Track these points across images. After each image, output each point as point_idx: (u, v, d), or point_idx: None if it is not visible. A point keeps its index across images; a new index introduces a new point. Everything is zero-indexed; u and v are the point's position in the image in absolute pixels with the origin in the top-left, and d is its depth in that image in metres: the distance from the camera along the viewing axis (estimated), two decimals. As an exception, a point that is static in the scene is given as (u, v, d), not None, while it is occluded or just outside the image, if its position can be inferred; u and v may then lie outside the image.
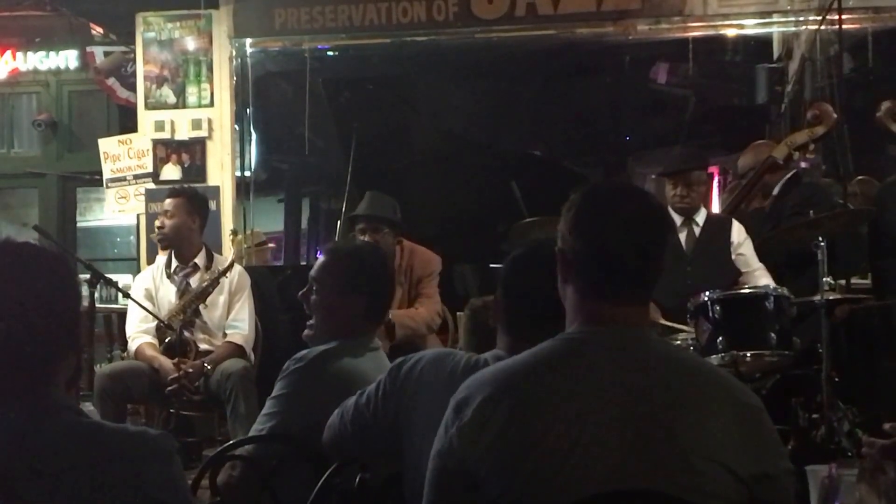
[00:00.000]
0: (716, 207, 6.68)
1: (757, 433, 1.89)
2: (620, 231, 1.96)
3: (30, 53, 8.26)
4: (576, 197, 2.03)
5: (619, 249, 1.95)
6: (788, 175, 5.86)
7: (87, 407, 5.03)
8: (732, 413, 1.87)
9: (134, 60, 7.40)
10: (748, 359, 4.61)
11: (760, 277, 5.24)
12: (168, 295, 5.48)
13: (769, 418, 1.95)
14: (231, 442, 3.23)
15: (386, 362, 2.95)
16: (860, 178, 6.39)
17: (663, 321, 5.00)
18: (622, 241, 1.95)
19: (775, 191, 5.87)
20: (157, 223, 5.64)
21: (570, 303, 2.01)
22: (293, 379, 2.94)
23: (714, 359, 4.51)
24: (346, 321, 3.05)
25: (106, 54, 8.06)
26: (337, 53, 7.74)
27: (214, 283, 5.38)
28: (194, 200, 5.58)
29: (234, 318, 5.43)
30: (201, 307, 5.39)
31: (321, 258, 3.24)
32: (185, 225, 5.51)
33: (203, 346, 5.36)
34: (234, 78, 7.22)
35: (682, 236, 5.38)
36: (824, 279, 4.88)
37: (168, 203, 5.55)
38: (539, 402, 1.85)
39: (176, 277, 5.51)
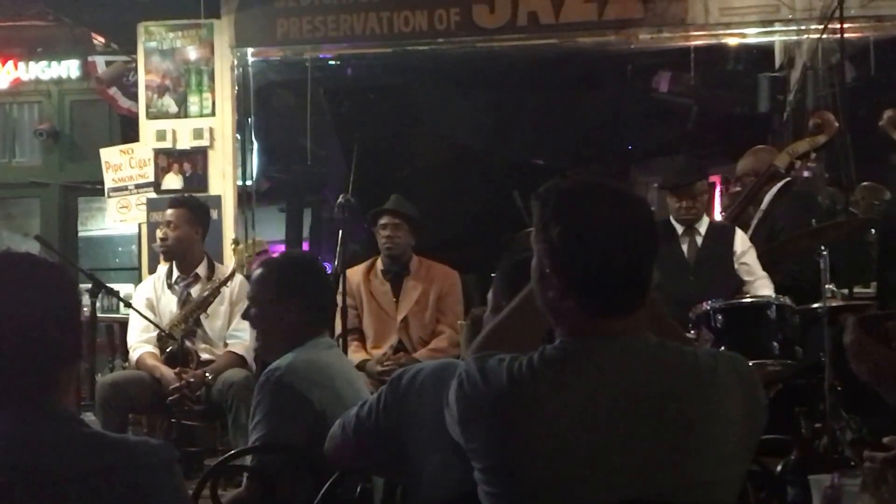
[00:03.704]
0: (717, 216, 6.67)
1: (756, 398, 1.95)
2: (603, 250, 1.83)
3: (31, 63, 8.26)
4: (545, 210, 1.89)
5: (605, 271, 1.84)
6: (780, 184, 5.84)
7: (89, 417, 5.02)
8: (732, 394, 1.90)
9: (135, 70, 7.39)
10: (751, 368, 4.59)
11: (763, 287, 5.23)
12: (169, 305, 5.47)
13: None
14: (232, 452, 3.23)
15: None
16: (864, 184, 6.38)
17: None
18: (607, 262, 1.83)
19: (766, 199, 5.85)
20: (160, 234, 5.61)
21: (563, 313, 1.91)
22: (268, 401, 2.95)
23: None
24: (286, 328, 3.08)
25: (107, 64, 8.05)
26: (338, 63, 7.75)
27: (215, 292, 5.37)
28: (197, 211, 5.57)
29: (235, 327, 5.42)
30: (202, 317, 5.39)
31: (254, 274, 3.24)
32: (189, 236, 5.50)
33: (204, 356, 5.36)
34: (236, 87, 7.21)
35: (685, 246, 5.37)
36: (827, 286, 4.87)
37: (171, 214, 5.54)
38: (534, 414, 1.82)
39: (177, 287, 5.50)
